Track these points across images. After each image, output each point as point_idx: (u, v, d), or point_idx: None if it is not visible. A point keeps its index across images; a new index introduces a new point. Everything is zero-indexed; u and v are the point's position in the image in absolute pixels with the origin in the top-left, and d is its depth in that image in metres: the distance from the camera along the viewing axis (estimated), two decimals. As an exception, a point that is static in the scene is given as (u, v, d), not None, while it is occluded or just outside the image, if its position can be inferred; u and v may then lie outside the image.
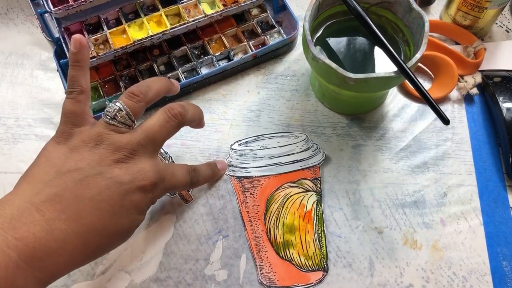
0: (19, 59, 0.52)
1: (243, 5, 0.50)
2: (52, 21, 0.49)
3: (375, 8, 0.45)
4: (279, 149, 0.45)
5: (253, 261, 0.42)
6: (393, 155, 0.47)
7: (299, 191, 0.44)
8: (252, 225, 0.43)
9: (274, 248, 0.42)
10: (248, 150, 0.45)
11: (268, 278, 0.41)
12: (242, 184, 0.44)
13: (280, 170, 0.44)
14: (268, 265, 0.42)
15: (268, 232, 0.43)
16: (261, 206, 0.44)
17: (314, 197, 0.44)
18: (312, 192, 0.44)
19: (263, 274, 0.42)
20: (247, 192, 0.44)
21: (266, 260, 0.42)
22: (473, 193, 0.45)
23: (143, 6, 0.50)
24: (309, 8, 0.42)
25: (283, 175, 0.44)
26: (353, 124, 0.49)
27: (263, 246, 0.42)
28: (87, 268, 0.42)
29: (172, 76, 0.50)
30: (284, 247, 0.42)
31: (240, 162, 0.45)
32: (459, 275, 0.42)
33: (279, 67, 0.52)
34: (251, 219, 0.43)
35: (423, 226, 0.44)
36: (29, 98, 0.50)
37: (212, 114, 0.49)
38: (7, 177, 0.46)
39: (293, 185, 0.44)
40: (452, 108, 0.50)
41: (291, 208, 0.43)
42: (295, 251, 0.42)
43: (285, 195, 0.44)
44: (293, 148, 0.45)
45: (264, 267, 0.42)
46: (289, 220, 0.43)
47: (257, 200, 0.44)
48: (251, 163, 0.45)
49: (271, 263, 0.42)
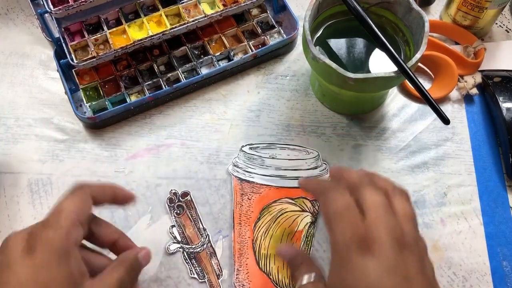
0: (19, 59, 0.52)
1: (243, 5, 0.50)
2: (52, 21, 0.49)
3: (375, 8, 0.45)
4: (287, 162, 0.45)
5: (232, 263, 0.42)
6: (393, 155, 0.47)
7: (295, 209, 0.43)
8: (241, 229, 0.43)
9: (256, 257, 0.42)
10: (257, 156, 0.45)
11: (242, 285, 0.41)
12: (242, 187, 0.44)
13: (283, 184, 0.44)
14: (245, 272, 0.42)
15: (254, 241, 0.42)
16: (255, 213, 0.43)
17: (309, 219, 0.43)
18: (308, 213, 0.43)
19: (238, 279, 0.41)
20: (245, 195, 0.44)
21: (245, 267, 0.42)
22: (473, 193, 0.45)
23: (143, 6, 0.50)
24: (309, 8, 0.42)
25: (285, 189, 0.44)
26: (353, 124, 0.49)
27: (245, 253, 0.42)
28: (87, 268, 0.42)
29: (172, 76, 0.50)
30: (266, 259, 0.42)
31: (246, 165, 0.45)
32: (459, 275, 0.42)
33: (279, 67, 0.52)
34: (241, 223, 0.43)
35: (423, 226, 0.44)
36: (29, 98, 0.50)
37: (212, 114, 0.49)
38: (7, 177, 0.46)
39: (291, 201, 0.43)
40: (452, 108, 0.50)
41: (283, 224, 0.43)
42: (275, 266, 0.42)
43: (281, 210, 0.43)
44: (301, 163, 0.45)
45: (241, 273, 0.42)
46: (278, 235, 0.42)
47: (252, 207, 0.43)
48: (257, 169, 0.44)
49: (249, 271, 0.42)
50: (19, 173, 0.46)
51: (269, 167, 0.44)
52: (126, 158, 0.47)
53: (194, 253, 0.42)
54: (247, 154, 0.45)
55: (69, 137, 0.48)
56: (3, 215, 0.44)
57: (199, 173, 0.46)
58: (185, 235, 0.43)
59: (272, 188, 0.44)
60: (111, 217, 0.44)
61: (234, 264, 0.42)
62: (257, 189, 0.44)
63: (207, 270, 0.42)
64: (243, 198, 0.44)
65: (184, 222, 0.43)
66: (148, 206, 0.45)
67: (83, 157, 0.47)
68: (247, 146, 0.47)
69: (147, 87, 0.49)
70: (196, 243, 0.43)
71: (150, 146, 0.48)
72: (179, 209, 0.44)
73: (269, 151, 0.46)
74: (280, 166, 0.44)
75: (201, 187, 0.45)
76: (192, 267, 0.42)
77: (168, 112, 0.49)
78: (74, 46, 0.48)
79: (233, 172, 0.45)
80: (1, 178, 0.46)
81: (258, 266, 0.42)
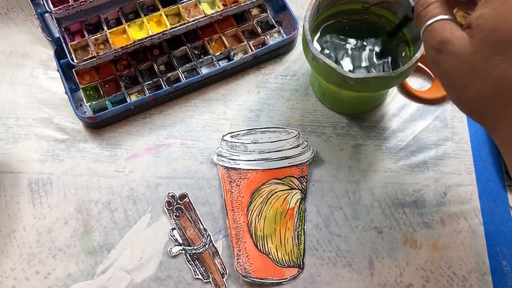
0: (19, 59, 0.52)
1: (243, 5, 0.50)
2: (52, 21, 0.49)
3: (375, 8, 0.46)
4: (269, 145, 0.45)
5: (231, 249, 0.43)
6: (393, 155, 0.47)
7: (284, 188, 0.44)
8: (235, 215, 0.44)
9: (253, 240, 0.43)
10: (239, 143, 0.46)
11: (244, 268, 0.42)
12: (229, 175, 0.45)
13: (268, 166, 0.44)
14: (245, 255, 0.42)
15: (249, 224, 0.43)
16: (246, 198, 0.44)
17: (298, 195, 0.44)
18: (297, 190, 0.44)
19: (239, 264, 0.42)
20: (233, 182, 0.44)
21: (244, 251, 0.43)
22: (473, 192, 0.45)
23: (143, 6, 0.50)
24: (309, 8, 0.42)
25: (271, 170, 0.44)
26: (353, 124, 0.49)
27: (242, 237, 0.43)
28: (87, 267, 0.42)
29: (172, 76, 0.50)
30: (263, 241, 0.43)
31: (230, 154, 0.45)
32: (459, 274, 0.42)
33: (279, 67, 0.52)
34: (234, 209, 0.44)
35: (423, 226, 0.44)
36: (29, 98, 0.50)
37: (212, 114, 0.49)
38: (7, 177, 0.46)
39: (279, 181, 0.44)
40: (452, 107, 0.50)
41: (275, 204, 0.44)
42: (273, 245, 0.43)
43: (270, 191, 0.44)
44: (283, 144, 0.45)
45: (241, 257, 0.42)
46: (271, 215, 0.43)
47: (242, 192, 0.44)
48: (241, 155, 0.45)
49: (248, 254, 0.42)
50: (19, 173, 0.46)
51: (253, 152, 0.45)
52: (126, 157, 0.47)
53: (196, 254, 0.42)
54: (229, 143, 0.46)
55: (69, 136, 0.48)
56: (3, 215, 0.44)
57: (199, 172, 0.46)
58: (186, 237, 0.43)
59: (259, 172, 0.44)
60: (111, 217, 0.44)
61: (233, 250, 0.43)
62: (244, 175, 0.44)
63: (211, 270, 0.42)
64: (232, 185, 0.44)
65: (184, 224, 0.44)
66: (148, 205, 0.45)
67: (83, 157, 0.47)
68: (228, 135, 0.47)
69: (147, 87, 0.49)
70: (198, 244, 0.43)
71: (150, 145, 0.48)
72: (178, 212, 0.44)
73: (250, 137, 0.46)
74: (263, 149, 0.45)
75: (201, 187, 0.46)
76: (196, 268, 0.42)
77: (168, 112, 0.49)
78: (74, 46, 0.48)
79: (218, 161, 0.46)
80: (1, 177, 0.46)
81: (256, 248, 0.43)
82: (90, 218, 0.44)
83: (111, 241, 0.43)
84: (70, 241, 0.43)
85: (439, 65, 0.30)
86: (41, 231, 0.44)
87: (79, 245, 0.43)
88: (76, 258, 0.43)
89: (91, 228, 0.44)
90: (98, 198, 0.45)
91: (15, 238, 0.43)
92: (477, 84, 0.28)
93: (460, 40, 0.29)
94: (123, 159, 0.47)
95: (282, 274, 0.42)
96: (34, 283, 0.42)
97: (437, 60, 0.30)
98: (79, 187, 0.45)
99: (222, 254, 0.43)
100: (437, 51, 0.30)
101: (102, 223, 0.44)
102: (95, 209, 0.45)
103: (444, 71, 0.30)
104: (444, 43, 0.29)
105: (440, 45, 0.29)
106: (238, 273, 0.42)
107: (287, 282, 0.42)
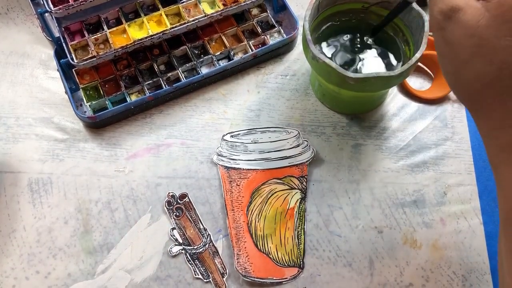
0: (19, 58, 0.52)
1: (243, 4, 0.50)
2: (52, 20, 0.49)
3: (375, 8, 0.46)
4: (269, 144, 0.45)
5: (231, 249, 0.43)
6: (393, 155, 0.47)
7: (284, 188, 0.44)
8: (235, 214, 0.44)
9: (253, 239, 0.43)
10: (239, 143, 0.46)
11: (244, 268, 0.42)
12: (229, 174, 0.45)
13: (268, 166, 0.44)
14: (245, 255, 0.42)
15: (249, 224, 0.43)
16: (246, 198, 0.44)
17: (298, 195, 0.44)
18: (297, 190, 0.44)
19: (239, 263, 0.42)
20: (233, 182, 0.44)
21: (244, 250, 0.43)
22: (473, 192, 0.45)
23: (143, 5, 0.50)
24: (309, 7, 0.42)
25: (271, 170, 0.44)
26: (353, 123, 0.49)
27: (242, 237, 0.43)
28: (87, 267, 0.42)
29: (172, 76, 0.50)
30: (263, 240, 0.43)
31: (230, 153, 0.45)
32: (459, 274, 0.42)
33: (279, 66, 0.52)
34: (234, 209, 0.44)
35: (423, 226, 0.44)
36: (29, 98, 0.50)
37: (212, 114, 0.49)
38: (7, 177, 0.46)
39: (279, 181, 0.44)
40: (452, 107, 0.50)
41: (275, 204, 0.44)
42: (273, 245, 0.43)
43: (270, 191, 0.44)
44: (283, 144, 0.45)
45: (241, 257, 0.42)
46: (271, 215, 0.43)
47: (242, 192, 0.44)
48: (241, 155, 0.45)
49: (248, 253, 0.42)
50: (19, 173, 0.46)
51: (253, 152, 0.45)
52: (126, 157, 0.47)
53: (196, 253, 0.43)
54: (229, 142, 0.46)
55: (69, 136, 0.48)
56: (4, 215, 0.44)
57: (199, 172, 0.46)
58: (186, 237, 0.43)
59: (258, 172, 0.44)
60: (111, 216, 0.44)
61: (233, 249, 0.43)
62: (244, 175, 0.44)
63: (211, 270, 0.42)
64: (232, 185, 0.44)
65: (184, 223, 0.44)
66: (148, 205, 0.45)
67: (83, 157, 0.47)
68: (228, 135, 0.47)
69: (147, 87, 0.49)
70: (198, 243, 0.43)
71: (150, 145, 0.48)
72: (178, 211, 0.44)
73: (250, 136, 0.46)
74: (263, 149, 0.45)
75: (201, 187, 0.46)
76: (196, 268, 0.42)
77: (168, 112, 0.49)
78: (74, 45, 0.48)
79: (218, 161, 0.46)
80: (2, 177, 0.46)
81: (256, 248, 0.43)
82: (90, 218, 0.44)
83: (111, 240, 0.43)
84: (70, 240, 0.43)
85: (443, 32, 0.27)
86: (41, 230, 0.44)
87: (79, 244, 0.43)
88: (76, 257, 0.43)
89: (91, 228, 0.44)
90: (98, 198, 0.45)
91: (15, 237, 0.43)
92: (480, 62, 0.26)
93: (473, 11, 0.26)
94: (123, 159, 0.47)
95: (282, 273, 0.42)
96: (34, 282, 0.42)
97: (443, 26, 0.27)
98: (79, 187, 0.45)
99: (222, 253, 0.43)
100: (446, 16, 0.27)
101: (102, 222, 0.44)
102: (95, 208, 0.45)
103: (448, 40, 0.27)
104: (456, 10, 0.27)
105: (451, 11, 0.27)
106: (238, 272, 0.42)
107: (287, 282, 0.42)
